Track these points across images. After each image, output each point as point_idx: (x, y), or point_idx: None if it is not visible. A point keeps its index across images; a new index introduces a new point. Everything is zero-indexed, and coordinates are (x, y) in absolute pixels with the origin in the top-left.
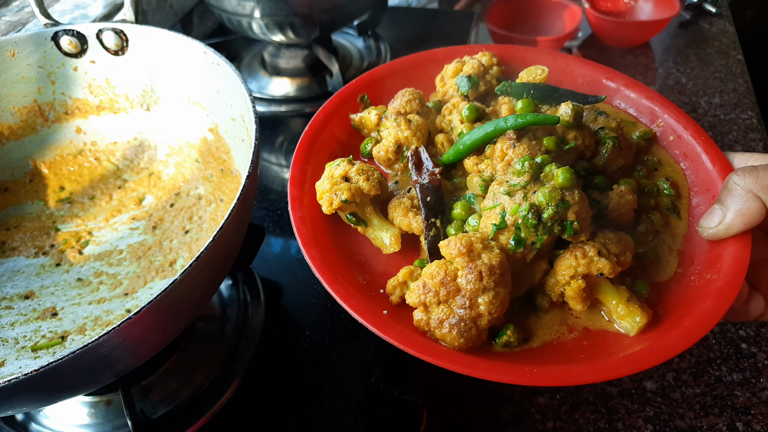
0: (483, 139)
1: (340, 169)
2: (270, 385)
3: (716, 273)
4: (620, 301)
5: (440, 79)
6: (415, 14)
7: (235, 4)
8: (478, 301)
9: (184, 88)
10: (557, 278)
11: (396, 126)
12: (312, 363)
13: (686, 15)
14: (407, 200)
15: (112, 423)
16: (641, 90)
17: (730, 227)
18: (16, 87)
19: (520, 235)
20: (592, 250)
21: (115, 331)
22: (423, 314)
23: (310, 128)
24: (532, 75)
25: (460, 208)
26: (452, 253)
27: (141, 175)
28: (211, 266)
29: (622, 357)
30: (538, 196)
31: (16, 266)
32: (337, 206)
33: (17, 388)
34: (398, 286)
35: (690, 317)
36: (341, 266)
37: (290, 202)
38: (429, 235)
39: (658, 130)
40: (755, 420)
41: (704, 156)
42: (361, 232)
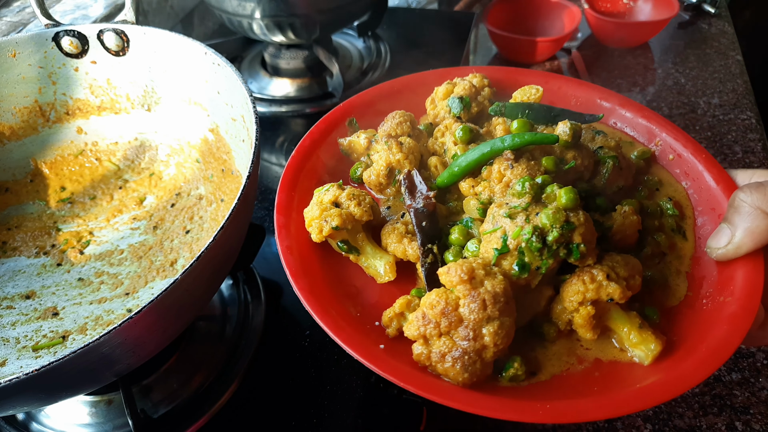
0: (479, 160)
1: (329, 195)
2: (270, 385)
3: (729, 296)
4: (632, 328)
5: (431, 101)
6: (415, 15)
7: (235, 4)
8: (483, 332)
9: (185, 88)
10: (564, 305)
11: (387, 149)
12: (312, 363)
13: (685, 15)
14: (401, 226)
15: (112, 422)
16: (637, 109)
17: (739, 247)
18: (17, 87)
19: (523, 259)
20: (600, 274)
21: (115, 330)
22: (423, 348)
23: (297, 153)
24: (526, 95)
25: (458, 232)
26: (453, 280)
27: (142, 175)
28: (212, 266)
29: (636, 390)
30: (541, 218)
31: (17, 266)
32: (327, 233)
33: (18, 388)
34: (395, 317)
35: (705, 344)
36: (332, 298)
37: (276, 230)
38: (426, 262)
39: (657, 149)
40: (754, 419)
41: (706, 174)
42: (353, 260)
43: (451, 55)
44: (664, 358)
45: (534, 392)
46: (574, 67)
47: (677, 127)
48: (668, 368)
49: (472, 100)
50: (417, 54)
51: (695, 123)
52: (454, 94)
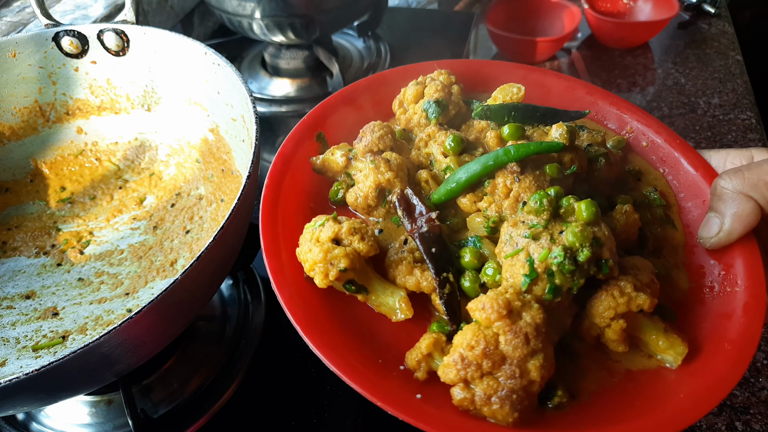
0: (481, 174)
1: (327, 231)
2: (270, 385)
3: (734, 285)
4: (659, 333)
5: (398, 104)
6: (415, 15)
7: (235, 4)
8: (528, 367)
9: (185, 88)
10: (594, 321)
11: (374, 168)
12: (312, 363)
13: (685, 15)
14: (408, 255)
15: (112, 422)
16: (605, 96)
17: (731, 233)
18: (17, 87)
19: (555, 282)
20: (628, 286)
21: (116, 330)
22: (464, 392)
23: (270, 181)
24: (507, 95)
25: (471, 255)
26: (490, 317)
27: (142, 175)
28: (212, 266)
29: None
30: (567, 237)
31: (17, 266)
32: (334, 277)
33: (18, 388)
34: (423, 360)
35: (728, 340)
36: (353, 348)
37: (272, 277)
38: (444, 293)
39: (630, 135)
40: (754, 419)
41: (684, 160)
42: (362, 300)
43: (451, 55)
44: (691, 360)
45: (580, 417)
46: (574, 67)
47: (647, 113)
48: (700, 370)
49: (447, 102)
50: (417, 54)
51: (695, 123)
52: (426, 96)
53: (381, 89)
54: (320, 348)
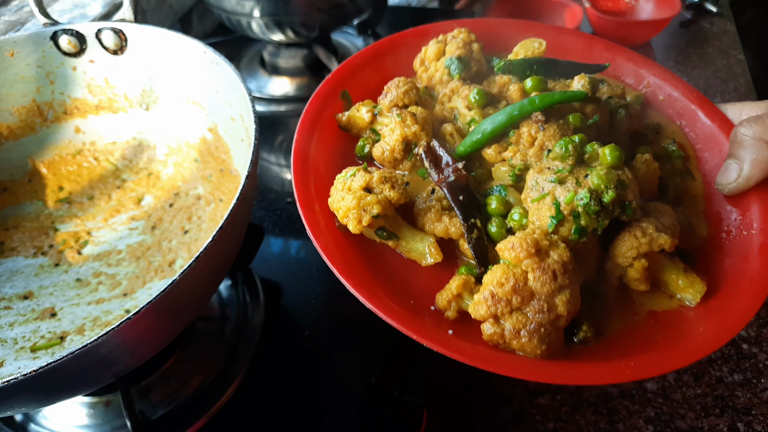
0: (506, 124)
1: (359, 180)
2: (270, 385)
3: (750, 228)
4: (679, 273)
5: (420, 62)
6: (415, 14)
7: (234, 3)
8: (555, 302)
9: (184, 87)
10: (618, 261)
11: (400, 121)
12: (312, 363)
13: (687, 14)
14: (436, 203)
15: (111, 423)
16: (622, 52)
17: (749, 179)
18: (15, 87)
19: (580, 223)
20: (650, 227)
21: (114, 331)
22: (494, 327)
23: (299, 137)
24: (529, 50)
25: (497, 202)
26: (520, 255)
27: (140, 175)
28: (211, 266)
29: (703, 332)
30: (592, 180)
31: (14, 266)
32: (367, 223)
33: (16, 389)
34: (453, 300)
35: (745, 279)
36: (388, 290)
37: (308, 226)
38: (472, 238)
39: (647, 90)
40: (756, 421)
41: (700, 113)
42: (392, 246)
43: None
44: (709, 298)
45: (606, 351)
46: None
47: (664, 68)
48: (718, 307)
49: (469, 58)
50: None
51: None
52: (447, 53)
53: (401, 49)
54: (358, 289)
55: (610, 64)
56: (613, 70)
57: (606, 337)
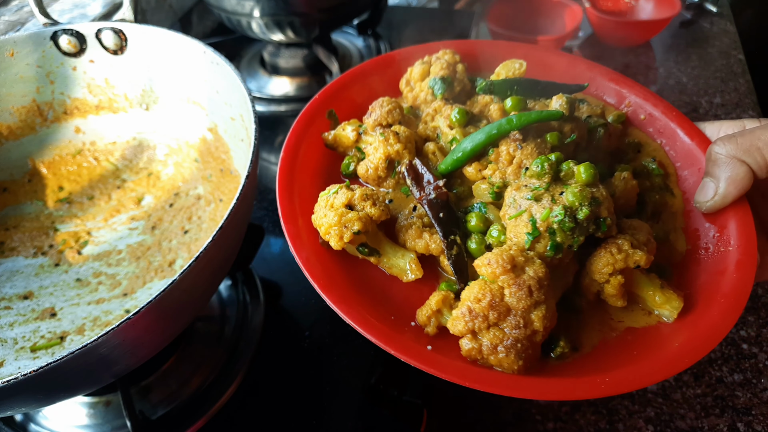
0: (485, 143)
1: (341, 197)
2: (270, 385)
3: (727, 245)
4: (656, 289)
5: (405, 82)
6: (415, 13)
7: (234, 3)
8: (531, 318)
9: (184, 87)
10: (594, 277)
11: (383, 140)
12: (312, 363)
13: (687, 14)
14: (417, 220)
15: (111, 424)
16: (604, 72)
17: (725, 196)
18: (15, 87)
19: (556, 240)
20: (625, 243)
21: (114, 331)
22: (472, 342)
23: (285, 154)
24: (510, 70)
25: (477, 219)
26: (496, 271)
27: (140, 175)
28: (211, 266)
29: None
30: (567, 197)
31: (14, 266)
32: (348, 239)
33: (16, 389)
34: (432, 315)
35: (721, 293)
36: (367, 305)
37: (290, 241)
38: (452, 254)
39: (628, 109)
40: (756, 420)
41: (680, 131)
42: (374, 263)
43: None
44: (686, 313)
45: (582, 366)
46: None
47: (644, 87)
48: (695, 322)
49: (452, 79)
50: None
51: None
52: (432, 74)
53: (388, 69)
54: (337, 304)
55: (588, 84)
56: (595, 90)
57: (583, 352)
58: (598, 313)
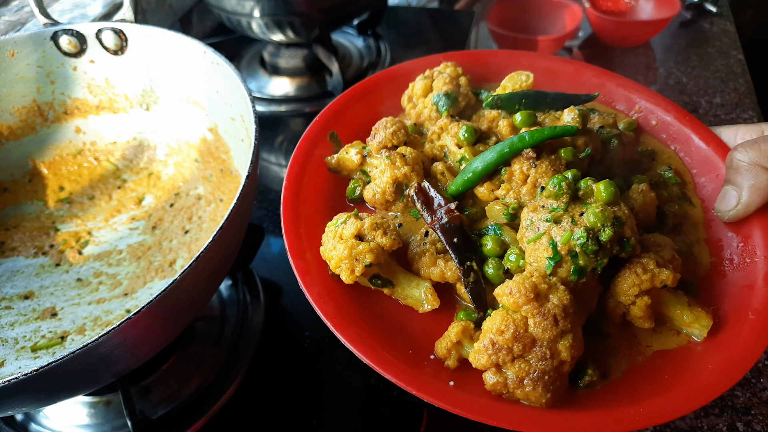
0: (497, 162)
1: (350, 228)
2: (270, 385)
3: (753, 256)
4: (683, 307)
5: (407, 99)
6: (415, 13)
7: (234, 3)
8: (558, 348)
9: (184, 87)
10: (620, 299)
11: (390, 163)
12: (312, 363)
13: (687, 14)
14: (430, 246)
15: (111, 423)
16: (612, 78)
17: (749, 205)
18: (16, 87)
19: (579, 263)
20: (650, 262)
21: (114, 331)
22: (497, 376)
23: (288, 183)
24: (517, 83)
25: (492, 242)
26: (518, 301)
27: (140, 175)
28: (211, 266)
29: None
30: (588, 218)
31: (15, 266)
32: (360, 272)
33: (17, 389)
34: (452, 348)
35: (751, 308)
36: (384, 341)
37: (299, 278)
38: (469, 282)
39: (639, 115)
40: (755, 420)
41: (695, 137)
42: (388, 294)
43: None
44: (716, 332)
45: (612, 395)
46: None
47: (655, 92)
48: (726, 342)
49: (456, 94)
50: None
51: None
52: (434, 89)
53: (389, 85)
54: (353, 342)
55: (599, 94)
56: (604, 96)
57: (612, 378)
58: (625, 336)
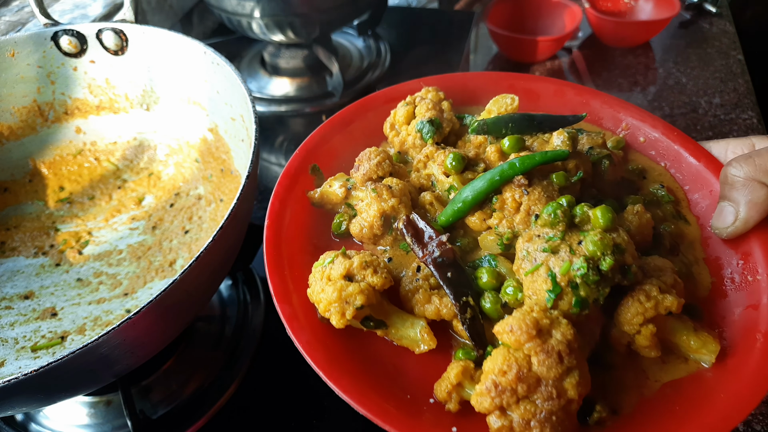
0: (488, 190)
1: (338, 268)
2: (269, 386)
3: (755, 274)
4: (689, 333)
5: (390, 126)
6: (415, 14)
7: (235, 3)
8: (564, 386)
9: (184, 87)
10: (624, 329)
11: (376, 196)
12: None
13: (686, 15)
14: (423, 282)
15: (111, 423)
16: (595, 96)
17: (747, 221)
18: (16, 87)
19: (580, 295)
20: (653, 289)
21: (114, 331)
22: (501, 420)
23: (270, 222)
24: (501, 106)
25: (488, 275)
26: (520, 339)
27: (141, 175)
28: (211, 266)
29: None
30: (587, 247)
31: (15, 266)
32: (351, 316)
33: (17, 389)
34: (452, 390)
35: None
36: (380, 387)
37: (286, 323)
38: (466, 318)
39: (626, 132)
40: (755, 420)
41: (684, 152)
42: (381, 335)
43: (451, 54)
44: (725, 357)
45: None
46: (575, 67)
47: (640, 108)
48: (737, 368)
49: (440, 120)
50: (417, 53)
51: (696, 123)
52: (417, 116)
53: (369, 113)
54: (347, 392)
55: (587, 114)
56: (589, 115)
57: (623, 413)
58: (631, 367)
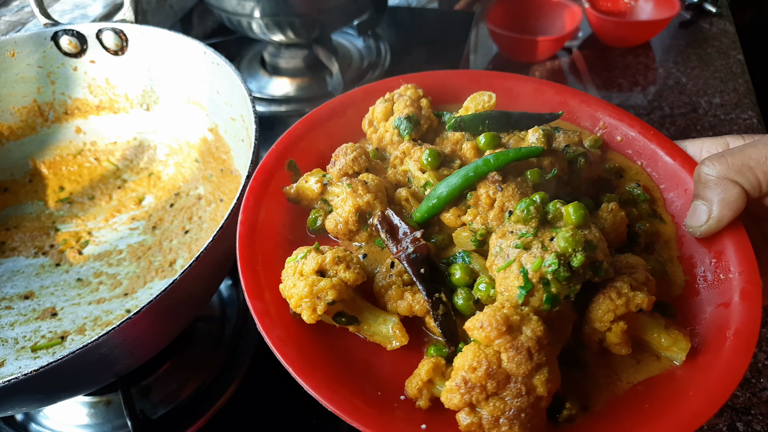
0: (462, 186)
1: (310, 263)
2: (269, 386)
3: (727, 272)
4: (660, 331)
5: (368, 123)
6: (415, 14)
7: (235, 3)
8: (534, 383)
9: (184, 87)
10: (595, 326)
11: (351, 191)
12: None
13: (686, 15)
14: (396, 278)
15: (111, 423)
16: (574, 95)
17: (720, 219)
18: (16, 87)
19: (551, 291)
20: (624, 286)
21: (114, 331)
22: (471, 416)
23: (244, 218)
24: (479, 104)
25: (461, 271)
26: (490, 335)
27: (141, 175)
28: (211, 266)
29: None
30: (558, 243)
31: (15, 266)
32: (323, 311)
33: (17, 389)
34: (423, 386)
35: (729, 328)
36: (351, 384)
37: (257, 320)
38: (438, 315)
39: (603, 132)
40: (755, 420)
41: (660, 151)
42: (353, 331)
43: (451, 54)
44: (696, 355)
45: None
46: (575, 67)
47: (618, 107)
48: (707, 365)
49: (418, 116)
50: (417, 53)
51: (696, 122)
52: (395, 112)
53: (348, 110)
54: (316, 388)
55: (563, 112)
56: (567, 114)
57: (593, 410)
58: (603, 364)
